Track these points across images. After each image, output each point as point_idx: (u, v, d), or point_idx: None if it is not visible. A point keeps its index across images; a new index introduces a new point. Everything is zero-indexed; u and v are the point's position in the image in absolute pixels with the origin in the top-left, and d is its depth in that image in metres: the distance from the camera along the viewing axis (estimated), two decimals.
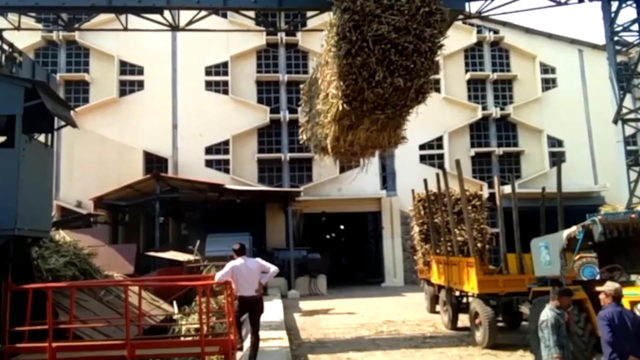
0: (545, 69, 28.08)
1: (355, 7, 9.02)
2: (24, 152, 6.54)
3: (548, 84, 28.03)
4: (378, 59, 9.17)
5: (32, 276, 7.57)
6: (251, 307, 7.56)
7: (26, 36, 22.06)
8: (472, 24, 27.63)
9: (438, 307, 14.58)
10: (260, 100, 26.34)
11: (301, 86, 11.52)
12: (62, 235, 11.39)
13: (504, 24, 28.02)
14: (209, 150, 25.61)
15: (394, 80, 9.35)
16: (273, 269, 7.83)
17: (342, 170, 25.94)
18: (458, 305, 13.06)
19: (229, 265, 7.60)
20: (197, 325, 8.67)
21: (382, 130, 10.38)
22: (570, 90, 27.66)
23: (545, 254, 8.82)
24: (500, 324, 11.45)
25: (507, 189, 18.49)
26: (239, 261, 7.59)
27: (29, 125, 7.02)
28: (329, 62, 10.13)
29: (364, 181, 25.88)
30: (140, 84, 25.78)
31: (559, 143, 27.26)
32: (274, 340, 10.02)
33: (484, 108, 27.26)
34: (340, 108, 9.76)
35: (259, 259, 8.05)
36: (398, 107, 9.89)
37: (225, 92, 26.02)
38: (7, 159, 6.50)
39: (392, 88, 9.45)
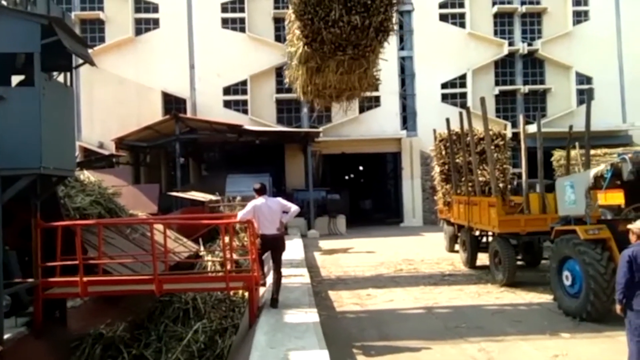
0: (578, 0, 26.57)
1: None
2: (44, 90, 6.49)
3: (580, 17, 26.61)
4: None
5: (59, 214, 7.74)
6: (273, 245, 7.64)
7: None
8: None
9: (457, 247, 14.70)
10: (277, 38, 25.63)
11: (286, 23, 11.09)
12: (87, 175, 11.59)
13: None
14: (227, 90, 25.35)
15: (351, 18, 8.96)
16: (294, 208, 7.85)
17: (362, 110, 25.55)
18: (477, 245, 13.14)
19: (251, 204, 7.62)
20: (222, 261, 8.89)
21: (350, 72, 10.05)
22: (602, 24, 26.26)
23: (571, 193, 8.67)
24: (519, 263, 11.52)
25: (531, 128, 18.01)
26: (260, 200, 7.60)
27: (48, 64, 6.93)
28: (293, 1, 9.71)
29: (383, 121, 25.61)
30: (156, 22, 25.27)
31: (588, 80, 26.21)
32: (295, 277, 10.26)
33: (510, 44, 26.16)
34: (301, 50, 9.45)
35: (280, 199, 8.04)
36: (360, 47, 9.51)
37: (242, 29, 25.38)
38: (28, 98, 6.47)
39: (350, 27, 9.06)
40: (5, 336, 6.07)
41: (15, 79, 7.75)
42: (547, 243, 10.70)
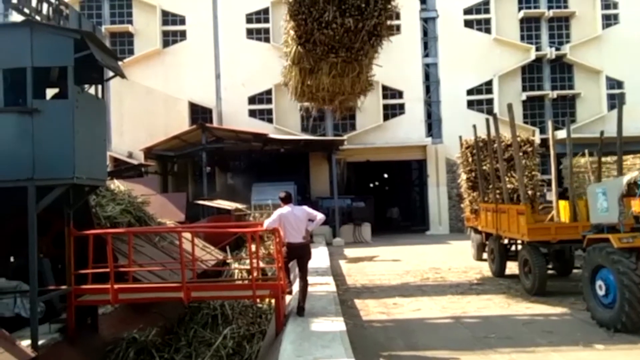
0: (607, 4, 26.00)
1: None
2: (77, 103, 6.69)
3: (609, 20, 26.03)
4: None
5: (91, 223, 7.93)
6: (299, 253, 7.64)
7: None
8: None
9: (485, 255, 14.46)
10: None
11: (281, 23, 11.23)
12: (117, 185, 11.87)
13: None
14: (252, 100, 25.63)
15: (345, 20, 9.03)
16: (320, 216, 7.83)
17: (386, 118, 25.50)
18: (506, 253, 12.90)
19: (277, 213, 7.66)
20: (249, 269, 8.96)
21: (343, 75, 10.07)
22: (633, 27, 25.60)
23: (603, 200, 8.45)
24: (550, 272, 11.25)
25: (560, 134, 17.67)
26: (286, 209, 7.62)
27: (80, 76, 7.14)
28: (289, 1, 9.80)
29: (408, 128, 25.48)
30: (183, 34, 25.80)
31: (619, 84, 25.60)
32: (321, 285, 10.25)
33: (537, 49, 25.75)
34: (294, 50, 9.51)
35: (305, 207, 8.04)
36: (353, 50, 9.54)
37: (267, 39, 25.66)
38: (62, 110, 6.67)
39: (343, 29, 9.12)
40: (40, 342, 6.23)
41: (49, 92, 8.00)
42: (579, 251, 10.45)
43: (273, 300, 7.99)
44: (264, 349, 7.56)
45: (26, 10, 10.04)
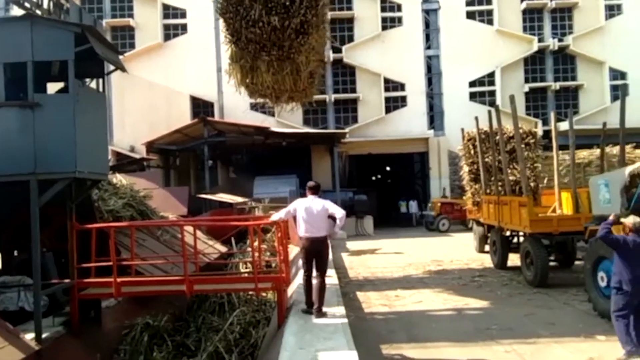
0: None
1: None
2: (78, 97, 6.68)
3: (612, 10, 25.88)
4: None
5: (93, 217, 7.95)
6: (314, 248, 6.84)
7: None
8: None
9: (487, 247, 14.47)
10: None
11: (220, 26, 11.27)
12: (119, 179, 11.87)
13: None
14: None
15: (270, 18, 9.12)
16: (340, 214, 6.84)
17: (388, 110, 25.45)
18: (508, 245, 12.91)
19: (293, 203, 7.09)
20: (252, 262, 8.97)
21: (282, 72, 10.09)
22: (636, 18, 25.49)
23: (605, 192, 8.42)
24: (552, 263, 11.25)
25: (563, 125, 17.60)
26: (304, 199, 7.00)
27: (81, 70, 7.13)
28: None
29: (410, 121, 25.44)
30: (184, 28, 25.75)
31: (622, 75, 25.48)
32: None
33: (540, 40, 25.65)
34: (228, 49, 9.55)
35: (327, 201, 7.11)
36: (284, 48, 9.58)
37: None
38: (63, 104, 6.67)
39: (270, 27, 9.20)
40: (43, 335, 6.26)
41: (51, 86, 8.00)
42: (581, 243, 10.44)
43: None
44: (268, 338, 7.60)
45: (27, 5, 10.01)
